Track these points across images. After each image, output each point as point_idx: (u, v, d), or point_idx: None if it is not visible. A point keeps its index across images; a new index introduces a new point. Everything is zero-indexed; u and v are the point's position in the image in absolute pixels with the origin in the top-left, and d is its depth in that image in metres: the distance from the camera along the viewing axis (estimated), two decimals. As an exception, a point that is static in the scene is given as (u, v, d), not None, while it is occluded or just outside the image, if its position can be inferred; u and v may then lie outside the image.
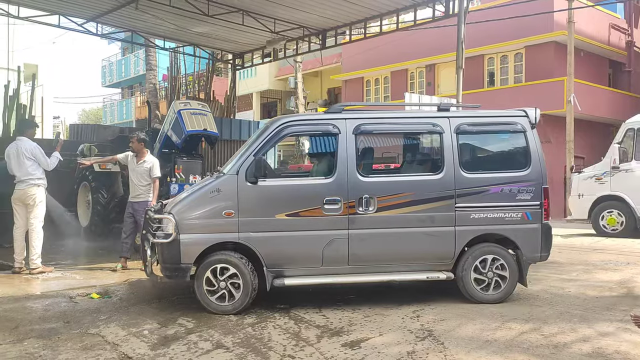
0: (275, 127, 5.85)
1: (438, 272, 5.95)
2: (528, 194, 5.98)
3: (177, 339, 4.84)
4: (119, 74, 40.49)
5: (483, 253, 5.95)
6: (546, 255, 6.12)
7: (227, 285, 5.55)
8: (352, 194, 5.72)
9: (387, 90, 25.40)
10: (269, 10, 12.47)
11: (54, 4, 12.31)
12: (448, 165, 5.91)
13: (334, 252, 5.72)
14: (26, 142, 7.68)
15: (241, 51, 16.46)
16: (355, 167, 5.78)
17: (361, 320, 5.36)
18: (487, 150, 6.54)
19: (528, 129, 6.11)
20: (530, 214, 6.00)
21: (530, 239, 6.02)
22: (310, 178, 6.44)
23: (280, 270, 5.72)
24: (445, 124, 5.99)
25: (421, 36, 19.47)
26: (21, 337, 4.85)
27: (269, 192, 5.72)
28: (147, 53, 19.18)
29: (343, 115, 5.93)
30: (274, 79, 30.74)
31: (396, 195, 5.82)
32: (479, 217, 5.93)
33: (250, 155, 5.66)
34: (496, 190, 5.96)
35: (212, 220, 5.60)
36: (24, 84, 14.96)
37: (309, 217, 5.70)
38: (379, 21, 13.52)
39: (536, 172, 6.03)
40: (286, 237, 5.69)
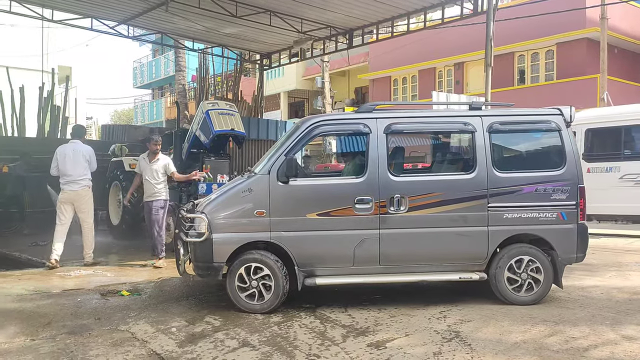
0: (306, 127, 5.86)
1: (471, 273, 5.87)
2: (563, 194, 5.86)
3: (204, 336, 4.90)
4: (150, 75, 41.16)
5: (517, 254, 5.85)
6: (582, 256, 5.99)
7: (258, 285, 5.60)
8: (383, 193, 5.70)
9: (414, 89, 25.22)
10: (296, 10, 12.52)
11: (86, 7, 12.58)
12: (480, 164, 5.84)
13: (365, 251, 5.70)
14: (83, 145, 8.17)
15: (269, 51, 16.56)
16: (386, 167, 5.76)
17: (387, 320, 5.34)
18: (521, 149, 6.43)
19: (563, 127, 6.00)
20: (566, 214, 5.87)
21: (565, 239, 5.89)
22: (341, 177, 6.43)
23: (311, 270, 5.73)
24: (478, 123, 5.92)
25: (449, 34, 19.28)
26: (54, 332, 4.98)
27: (300, 191, 5.74)
28: (177, 54, 19.45)
29: (374, 115, 5.90)
30: (302, 79, 30.83)
31: (428, 195, 5.78)
32: (513, 217, 5.83)
33: (282, 155, 5.69)
34: (530, 189, 5.85)
35: (243, 219, 5.65)
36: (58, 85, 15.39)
37: (340, 217, 5.70)
38: (406, 20, 13.43)
39: (571, 171, 5.91)
40: (317, 236, 5.70)
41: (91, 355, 4.43)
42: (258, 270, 5.61)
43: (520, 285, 5.85)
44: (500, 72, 19.82)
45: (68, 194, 8.00)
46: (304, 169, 6.54)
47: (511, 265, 5.83)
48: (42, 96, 13.86)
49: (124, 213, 10.72)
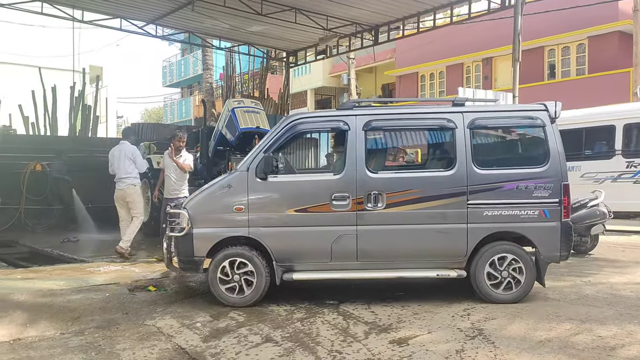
0: (284, 124, 5.94)
1: (449, 270, 5.83)
2: (546, 191, 5.74)
3: (228, 331, 4.97)
4: (179, 74, 41.71)
5: (497, 251, 5.78)
6: (566, 255, 5.88)
7: (240, 280, 5.71)
8: (361, 190, 5.72)
9: (442, 85, 24.97)
10: (322, 7, 12.52)
11: (115, 7, 12.82)
12: (460, 161, 5.77)
13: (342, 247, 5.74)
14: (128, 145, 8.66)
15: (294, 49, 16.60)
16: (364, 163, 5.77)
17: (410, 317, 5.32)
18: (503, 145, 6.35)
19: (548, 123, 5.87)
20: (549, 211, 5.75)
21: (548, 237, 5.79)
22: (319, 174, 6.47)
23: (290, 265, 5.81)
24: (459, 119, 5.84)
25: (477, 29, 19.01)
26: (82, 327, 5.11)
27: (278, 188, 5.82)
28: (204, 53, 19.65)
29: (353, 112, 5.93)
30: (328, 76, 30.81)
31: (405, 192, 5.77)
32: (493, 214, 5.75)
33: (260, 152, 5.78)
34: (511, 186, 5.76)
35: (223, 215, 5.78)
36: (90, 85, 15.72)
37: (318, 213, 5.75)
38: (432, 15, 13.29)
39: (555, 168, 5.78)
40: (295, 232, 5.78)
41: (118, 349, 4.53)
42: (240, 265, 5.71)
43: (501, 283, 5.78)
44: (530, 67, 19.47)
45: (117, 192, 8.54)
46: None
47: (491, 263, 5.77)
48: (73, 96, 14.19)
49: (152, 210, 10.90)
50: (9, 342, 4.68)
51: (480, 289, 5.79)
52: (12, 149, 11.96)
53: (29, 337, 4.82)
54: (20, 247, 10.02)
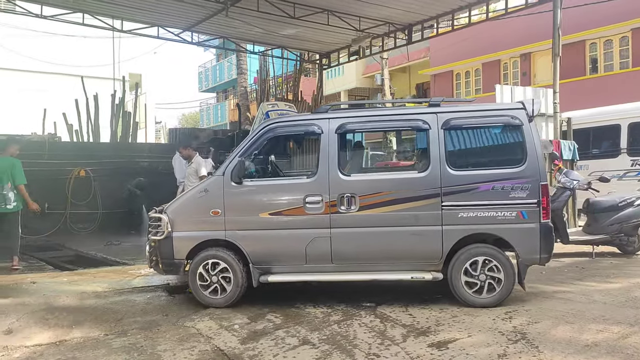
0: (260, 129, 6.04)
1: (424, 273, 5.75)
2: (523, 192, 5.60)
3: (266, 334, 4.99)
4: (214, 79, 42.29)
5: (473, 254, 5.67)
6: (546, 257, 5.71)
7: (218, 280, 5.83)
8: (334, 192, 5.72)
9: (478, 82, 24.53)
10: (354, 8, 12.49)
11: (152, 16, 13.11)
12: (434, 162, 5.70)
13: (317, 250, 5.75)
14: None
15: (327, 51, 16.61)
16: (337, 166, 5.78)
17: (449, 320, 5.23)
18: (478, 146, 6.18)
19: (525, 122, 5.71)
20: (527, 212, 5.61)
21: (526, 239, 5.64)
22: (292, 177, 6.46)
23: (267, 267, 5.89)
24: (432, 120, 5.77)
25: (515, 24, 18.57)
26: (125, 328, 5.23)
27: (253, 192, 5.94)
28: (238, 58, 19.88)
29: (327, 115, 5.96)
30: (361, 77, 30.71)
31: (378, 194, 5.74)
32: (468, 216, 5.64)
33: (236, 157, 5.88)
34: (486, 187, 5.63)
35: (200, 218, 5.92)
36: (129, 92, 16.10)
37: (292, 216, 5.79)
38: (467, 12, 13.09)
39: (533, 168, 5.62)
40: (270, 235, 5.84)
41: (159, 350, 4.62)
42: (216, 266, 5.84)
43: (479, 287, 5.65)
44: (571, 62, 18.91)
45: None
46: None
47: (468, 266, 5.65)
48: (114, 103, 14.56)
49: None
50: (55, 344, 4.83)
51: (457, 292, 5.69)
52: (57, 155, 12.35)
53: (75, 338, 4.96)
54: (66, 251, 10.34)
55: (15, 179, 7.91)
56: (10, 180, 7.87)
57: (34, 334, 4.99)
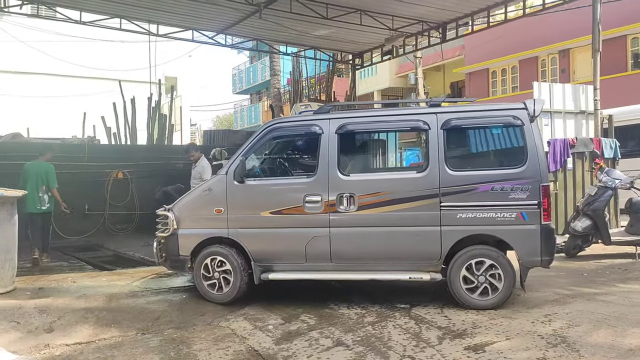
0: (262, 129, 6.19)
1: (422, 273, 5.70)
2: (523, 193, 5.48)
3: (300, 334, 5.00)
4: (248, 81, 42.69)
5: (473, 256, 5.58)
6: (548, 260, 5.56)
7: (219, 277, 6.01)
8: (333, 192, 5.77)
9: (515, 80, 24.04)
10: (387, 7, 12.38)
11: (187, 20, 13.30)
12: (433, 162, 5.67)
13: (316, 249, 5.81)
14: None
15: (360, 51, 16.53)
16: (336, 166, 5.81)
17: (486, 322, 5.13)
18: (478, 146, 6.14)
19: (526, 122, 5.58)
20: (527, 214, 5.49)
21: (526, 241, 5.52)
22: (293, 177, 6.48)
23: (268, 265, 5.99)
24: (432, 120, 5.73)
25: (553, 19, 18.16)
26: (162, 327, 5.31)
27: (255, 190, 6.06)
28: (271, 59, 20.00)
29: (327, 116, 6.02)
30: (395, 77, 30.49)
31: (377, 194, 5.75)
32: (467, 216, 5.57)
33: (239, 156, 6.01)
34: (485, 188, 5.54)
35: (205, 216, 6.12)
36: (165, 95, 16.39)
37: (292, 215, 5.87)
38: (503, 8, 12.82)
39: (533, 169, 5.50)
40: (271, 233, 5.96)
41: (195, 350, 4.68)
42: (220, 263, 6.01)
43: (477, 288, 5.55)
44: (612, 57, 18.33)
45: None
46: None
47: (467, 267, 5.57)
48: (150, 106, 14.85)
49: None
50: (95, 342, 4.95)
51: (456, 293, 5.63)
52: (96, 158, 12.65)
53: (113, 337, 5.07)
54: (104, 251, 10.58)
55: (49, 182, 8.58)
56: (45, 183, 8.52)
57: (74, 332, 5.12)
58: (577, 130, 10.87)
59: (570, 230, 8.45)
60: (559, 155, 9.86)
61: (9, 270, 6.02)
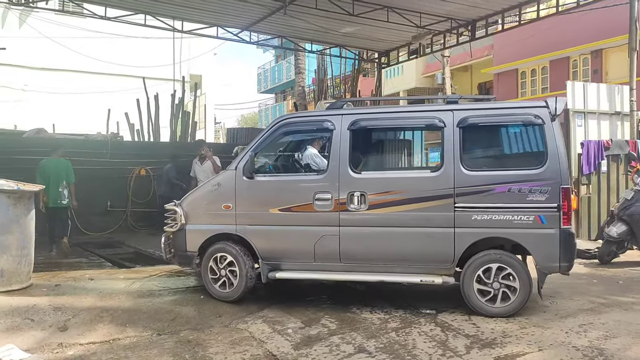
0: (272, 124, 6.04)
1: (434, 276, 5.47)
2: (542, 195, 5.18)
3: (320, 339, 4.79)
4: (273, 80, 42.73)
5: (487, 261, 5.32)
6: (567, 266, 5.24)
7: (226, 274, 5.88)
8: (343, 190, 5.58)
9: (545, 81, 23.42)
10: (415, 4, 12.10)
11: (212, 16, 13.19)
12: (447, 161, 5.44)
13: (325, 248, 5.64)
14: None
15: (386, 49, 16.26)
16: (347, 163, 5.63)
17: (517, 332, 4.86)
18: (495, 145, 5.86)
19: (547, 121, 5.27)
20: (545, 217, 5.19)
21: (545, 245, 5.23)
22: (303, 174, 6.23)
23: (276, 264, 5.84)
24: (448, 118, 5.49)
25: (585, 18, 17.60)
26: (178, 328, 5.16)
27: (264, 187, 5.92)
28: (296, 57, 19.83)
29: (339, 112, 5.84)
30: (421, 77, 30.03)
31: (389, 193, 5.55)
32: (482, 218, 5.31)
33: (249, 152, 5.88)
34: (502, 189, 5.29)
35: (213, 212, 6.01)
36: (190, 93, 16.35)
37: (301, 213, 5.71)
38: (535, 6, 12.43)
39: (553, 170, 5.20)
40: (279, 231, 5.81)
41: (211, 353, 4.51)
42: (225, 260, 5.88)
43: (492, 296, 5.27)
44: (647, 57, 17.72)
45: None
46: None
47: (481, 273, 5.32)
48: (173, 103, 14.82)
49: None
50: (109, 342, 4.81)
51: (469, 299, 5.37)
52: (119, 154, 12.62)
53: (128, 337, 4.93)
54: (125, 248, 10.52)
55: (68, 178, 9.06)
56: (65, 179, 8.97)
57: (88, 331, 4.99)
58: (612, 131, 10.44)
59: (605, 235, 8.10)
60: (593, 158, 9.48)
61: (25, 266, 5.94)
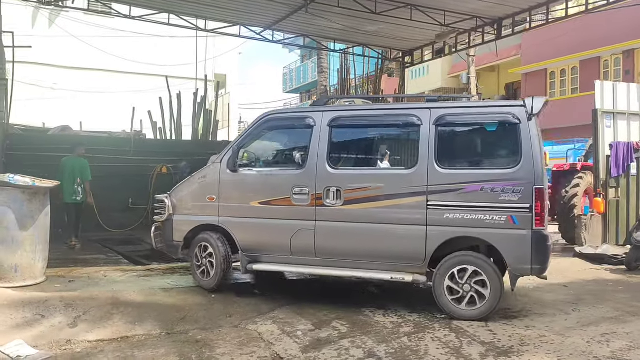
0: (257, 120, 6.26)
1: (404, 274, 5.45)
2: (514, 195, 5.06)
3: (329, 342, 4.68)
4: (298, 80, 42.74)
5: (458, 262, 5.26)
6: (539, 269, 5.09)
7: (206, 263, 6.14)
8: (320, 185, 5.67)
9: (575, 81, 22.88)
10: (438, 2, 11.86)
11: (234, 15, 13.18)
12: (422, 159, 5.43)
13: (301, 242, 5.74)
14: None
15: (410, 48, 16.01)
16: (325, 159, 5.72)
17: (535, 340, 4.66)
18: (470, 144, 5.77)
19: (524, 120, 5.14)
20: (517, 218, 5.09)
21: (516, 246, 5.12)
22: (283, 168, 6.27)
23: (255, 256, 5.99)
24: (425, 116, 5.50)
25: (617, 17, 17.12)
26: (187, 327, 5.10)
27: (246, 180, 6.10)
28: (319, 57, 19.74)
29: (320, 109, 5.99)
30: (447, 77, 29.67)
31: (364, 189, 5.60)
32: (454, 217, 5.26)
33: (233, 146, 6.11)
34: (475, 188, 5.23)
35: (198, 203, 6.28)
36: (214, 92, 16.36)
37: (279, 206, 5.85)
38: (564, 3, 12.07)
39: (527, 170, 5.11)
40: (258, 223, 5.96)
41: (217, 354, 4.44)
42: (206, 250, 6.13)
43: (462, 297, 5.14)
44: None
45: None
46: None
47: (452, 274, 5.26)
48: (195, 102, 14.87)
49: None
50: (117, 340, 4.78)
51: (439, 301, 5.34)
52: (142, 152, 12.70)
53: (136, 335, 4.89)
54: (145, 245, 10.51)
55: (84, 176, 9.36)
56: (80, 176, 9.31)
57: (97, 328, 4.97)
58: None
59: (633, 241, 7.81)
60: (622, 160, 9.14)
61: (39, 262, 5.96)
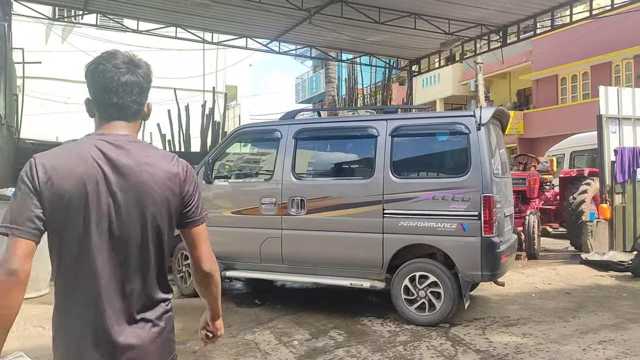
0: (231, 133, 6.66)
1: (362, 280, 5.62)
2: (464, 203, 5.21)
3: (324, 352, 4.70)
4: (310, 90, 42.86)
5: (413, 269, 5.41)
6: (490, 275, 5.16)
7: (186, 270, 6.45)
8: (286, 195, 5.91)
9: (586, 87, 22.69)
10: (442, 10, 11.90)
11: (241, 28, 13.37)
12: (378, 169, 5.59)
13: (269, 249, 5.97)
14: None
15: (417, 57, 16.06)
16: (290, 170, 5.95)
17: (531, 348, 4.64)
18: (423, 153, 6.00)
19: (473, 130, 5.21)
20: (467, 225, 5.20)
21: (466, 253, 5.23)
22: (253, 179, 6.71)
23: (229, 263, 6.18)
24: (382, 127, 5.67)
25: (627, 22, 16.99)
26: (185, 338, 5.10)
27: (220, 191, 6.41)
28: (327, 67, 19.88)
29: (288, 122, 6.25)
30: (458, 85, 29.55)
31: (325, 198, 5.79)
32: (408, 225, 5.41)
33: (208, 158, 6.42)
34: (427, 196, 5.38)
35: None
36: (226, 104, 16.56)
37: (250, 216, 6.12)
38: (569, 9, 12.03)
39: (475, 178, 5.21)
40: (231, 232, 6.19)
41: (213, 364, 4.47)
42: (184, 258, 6.38)
43: (417, 303, 5.28)
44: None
45: None
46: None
47: (408, 282, 5.41)
48: (204, 113, 15.06)
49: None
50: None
51: (397, 307, 5.47)
52: (150, 164, 12.88)
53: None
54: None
55: None
56: None
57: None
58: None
59: (638, 247, 7.70)
60: (627, 166, 9.05)
61: (43, 273, 6.07)
